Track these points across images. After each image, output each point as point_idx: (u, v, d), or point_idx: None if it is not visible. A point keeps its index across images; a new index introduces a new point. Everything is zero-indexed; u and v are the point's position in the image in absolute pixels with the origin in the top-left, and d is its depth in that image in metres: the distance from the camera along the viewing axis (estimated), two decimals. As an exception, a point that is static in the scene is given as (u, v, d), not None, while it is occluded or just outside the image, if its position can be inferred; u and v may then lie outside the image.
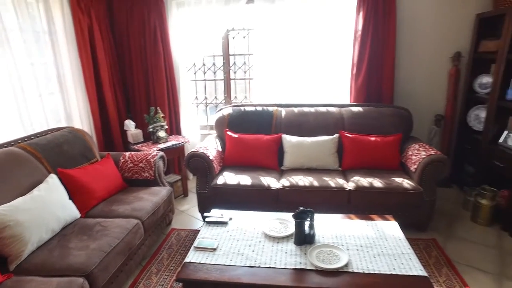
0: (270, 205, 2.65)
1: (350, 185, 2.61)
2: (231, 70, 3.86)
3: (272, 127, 3.17)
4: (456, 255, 2.40)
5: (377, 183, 2.59)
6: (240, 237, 1.97)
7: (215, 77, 3.94)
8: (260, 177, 2.76)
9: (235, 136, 3.08)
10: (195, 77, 3.96)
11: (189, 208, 3.28)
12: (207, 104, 4.06)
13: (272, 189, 2.66)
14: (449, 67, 3.32)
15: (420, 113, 3.39)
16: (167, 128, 3.47)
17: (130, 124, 3.45)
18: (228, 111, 3.29)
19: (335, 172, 2.86)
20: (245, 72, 3.87)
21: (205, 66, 3.90)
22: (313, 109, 3.21)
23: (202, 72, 3.93)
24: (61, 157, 2.42)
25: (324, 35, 3.31)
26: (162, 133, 3.36)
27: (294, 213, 1.86)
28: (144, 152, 2.84)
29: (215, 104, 4.04)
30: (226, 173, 2.85)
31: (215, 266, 1.72)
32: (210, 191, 2.76)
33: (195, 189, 2.85)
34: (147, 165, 2.72)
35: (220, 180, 2.76)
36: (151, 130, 3.32)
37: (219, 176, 2.82)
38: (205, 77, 3.96)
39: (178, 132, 3.84)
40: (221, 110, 3.34)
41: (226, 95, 3.97)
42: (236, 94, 3.97)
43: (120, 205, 2.36)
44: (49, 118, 2.90)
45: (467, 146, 3.34)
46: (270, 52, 3.44)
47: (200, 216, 2.99)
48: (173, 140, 3.44)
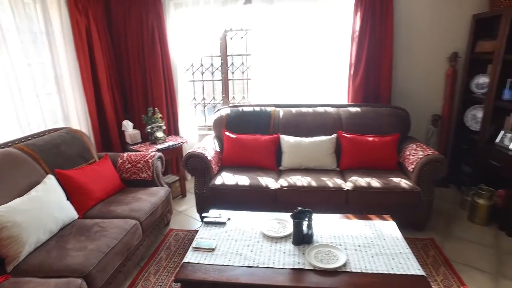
0: (268, 205, 2.65)
1: (348, 185, 2.62)
2: (229, 71, 3.86)
3: (270, 128, 3.17)
4: (454, 255, 2.42)
5: (375, 183, 2.59)
6: (239, 237, 1.97)
7: (213, 78, 3.94)
8: (258, 178, 2.76)
9: (233, 137, 3.08)
10: (193, 78, 3.96)
11: (187, 209, 3.28)
12: (205, 105, 4.06)
13: (270, 189, 2.66)
14: (446, 68, 3.34)
15: (418, 113, 3.40)
16: (165, 129, 3.46)
17: (128, 125, 3.44)
18: (226, 112, 3.29)
19: (333, 172, 2.87)
20: (243, 73, 3.87)
21: (203, 67, 3.89)
22: (311, 109, 3.22)
23: (200, 73, 3.92)
24: (59, 158, 2.41)
25: (322, 36, 3.32)
26: (160, 134, 3.35)
27: (292, 213, 1.86)
28: (142, 153, 2.84)
29: (213, 105, 4.05)
30: (224, 174, 2.86)
31: (214, 267, 1.72)
32: (208, 192, 2.76)
33: (193, 190, 2.85)
34: (145, 166, 2.72)
35: (218, 181, 2.76)
36: (149, 131, 3.32)
37: (217, 177, 2.82)
38: (203, 78, 3.96)
39: (176, 133, 3.84)
40: (219, 111, 3.34)
41: (224, 96, 3.97)
42: (234, 95, 3.97)
43: (118, 206, 2.35)
44: (47, 119, 2.89)
45: (464, 146, 3.35)
46: (268, 53, 3.44)
47: (198, 217, 2.99)
48: (171, 141, 3.43)
